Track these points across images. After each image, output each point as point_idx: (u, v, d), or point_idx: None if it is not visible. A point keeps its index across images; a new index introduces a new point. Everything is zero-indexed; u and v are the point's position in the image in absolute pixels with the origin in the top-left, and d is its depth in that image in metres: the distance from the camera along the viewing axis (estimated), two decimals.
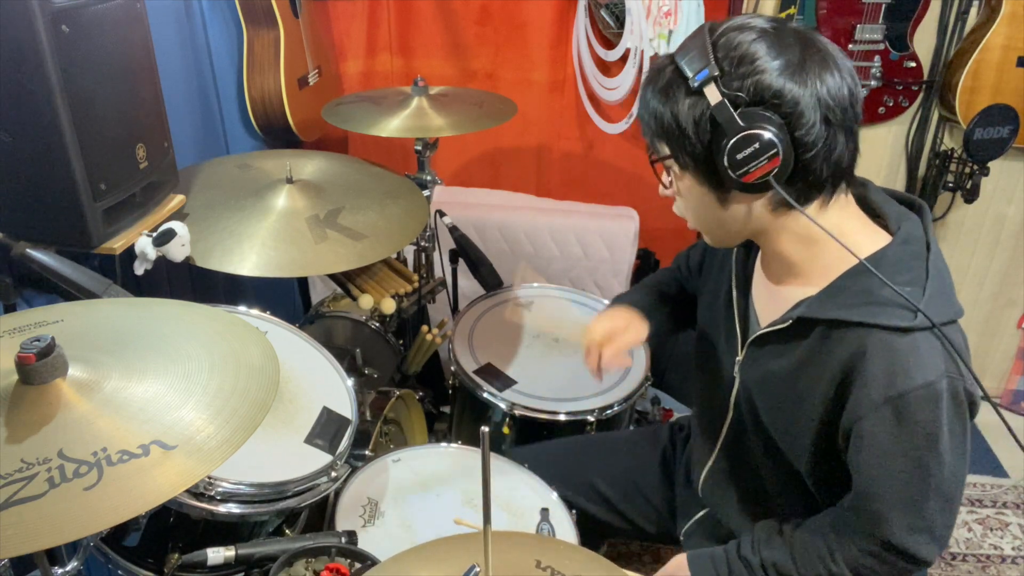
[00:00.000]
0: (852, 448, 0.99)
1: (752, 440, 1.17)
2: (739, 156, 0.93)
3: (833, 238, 0.98)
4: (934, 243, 1.02)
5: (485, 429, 0.71)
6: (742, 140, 0.92)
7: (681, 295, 1.45)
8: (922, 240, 1.01)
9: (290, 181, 1.59)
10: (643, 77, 1.03)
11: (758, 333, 1.10)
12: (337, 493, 1.32)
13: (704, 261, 1.34)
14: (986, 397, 0.97)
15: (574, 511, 1.36)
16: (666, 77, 0.97)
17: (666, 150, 1.01)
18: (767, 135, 0.91)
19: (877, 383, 0.94)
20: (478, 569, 0.81)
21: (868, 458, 0.98)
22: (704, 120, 0.94)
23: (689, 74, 0.94)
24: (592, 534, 1.43)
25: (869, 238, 1.02)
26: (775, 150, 0.92)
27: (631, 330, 1.35)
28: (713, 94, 0.92)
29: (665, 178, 1.06)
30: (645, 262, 2.53)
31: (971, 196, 2.19)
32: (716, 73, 0.92)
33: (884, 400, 0.94)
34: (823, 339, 1.01)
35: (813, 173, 0.96)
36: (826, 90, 0.92)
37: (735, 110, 0.92)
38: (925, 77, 2.19)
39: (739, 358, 1.16)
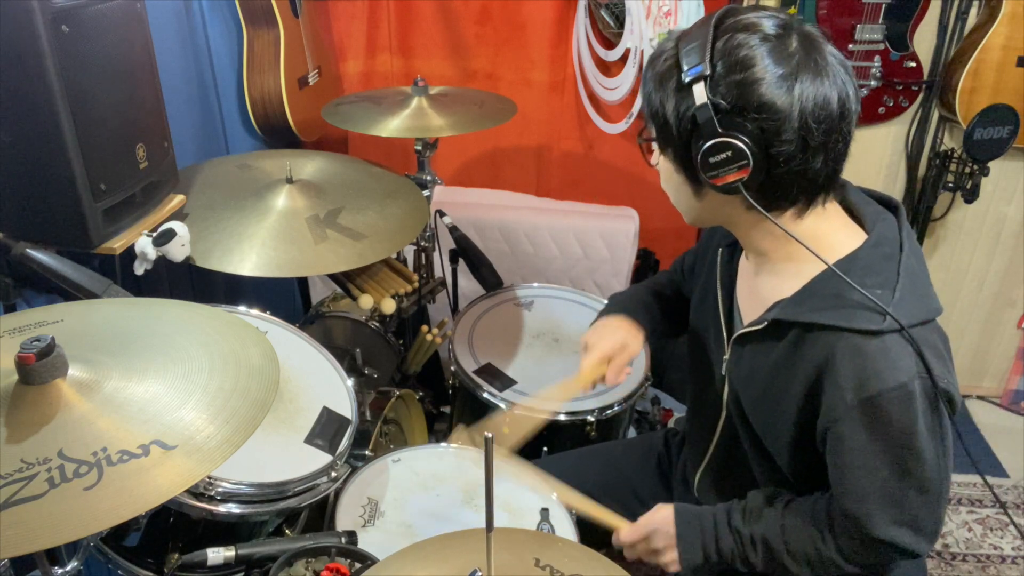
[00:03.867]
0: (830, 450, 1.01)
1: (744, 439, 1.18)
2: (712, 160, 0.94)
3: (802, 244, 0.99)
4: (909, 243, 1.02)
5: (489, 435, 0.71)
6: (716, 146, 0.93)
7: (677, 297, 1.46)
8: (895, 241, 1.02)
9: (290, 181, 1.59)
10: (649, 56, 1.05)
11: (738, 333, 1.12)
12: (337, 493, 1.32)
13: (695, 262, 1.34)
14: (947, 406, 0.98)
15: (574, 511, 1.36)
16: (664, 64, 0.98)
17: (654, 132, 1.04)
18: (740, 145, 0.92)
19: (849, 386, 0.95)
20: (480, 574, 0.81)
21: (847, 460, 0.99)
22: (686, 117, 0.95)
23: (684, 67, 0.94)
24: (592, 544, 1.43)
25: (848, 238, 1.02)
26: (745, 161, 0.93)
27: (627, 349, 1.34)
28: (700, 94, 0.93)
29: (653, 157, 1.09)
30: (645, 262, 2.53)
31: (971, 196, 2.20)
32: (707, 73, 0.92)
33: (857, 403, 0.95)
34: (798, 341, 1.02)
35: (782, 188, 0.97)
36: (813, 106, 0.91)
37: (716, 115, 0.92)
38: (925, 77, 2.19)
39: (726, 357, 1.17)
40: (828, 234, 1.02)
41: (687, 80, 0.93)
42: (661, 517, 1.18)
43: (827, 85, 0.92)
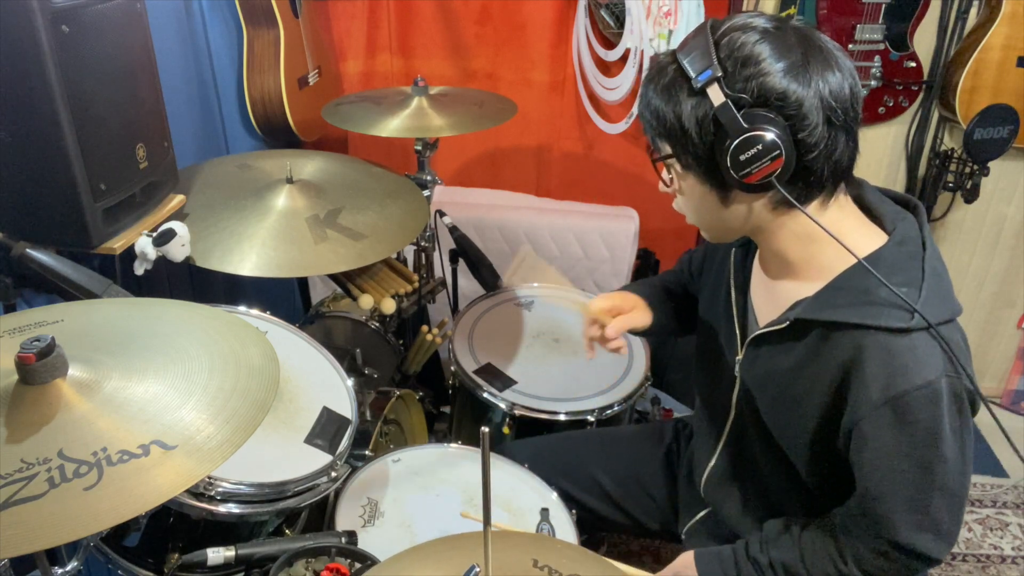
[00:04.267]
0: (854, 449, 0.99)
1: (753, 440, 1.17)
2: (742, 157, 0.93)
3: (833, 238, 0.98)
4: (930, 242, 1.02)
5: (485, 430, 0.71)
6: (745, 141, 0.92)
7: (685, 296, 1.45)
8: (918, 240, 1.02)
9: (290, 181, 1.59)
10: (644, 75, 1.03)
11: (756, 333, 1.11)
12: (337, 493, 1.32)
13: (704, 261, 1.34)
14: (983, 400, 0.97)
15: (574, 511, 1.36)
16: (668, 76, 0.97)
17: (668, 149, 1.01)
18: (770, 136, 0.91)
19: (876, 384, 0.94)
20: (478, 569, 0.82)
21: (871, 459, 0.98)
22: (707, 121, 0.94)
23: (692, 74, 0.93)
24: (593, 530, 1.42)
25: (866, 237, 1.02)
26: (778, 151, 0.92)
27: (636, 312, 1.33)
28: (716, 95, 0.92)
29: (666, 175, 1.06)
30: (645, 262, 2.53)
31: (971, 196, 2.19)
32: (719, 74, 0.92)
33: (884, 401, 0.94)
34: (821, 340, 1.01)
35: (814, 173, 0.96)
36: (828, 91, 0.92)
37: (738, 111, 0.92)
38: (925, 77, 2.19)
39: (739, 357, 1.16)
40: (848, 233, 1.01)
41: (699, 85, 0.93)
42: (682, 563, 1.19)
43: (834, 67, 0.93)
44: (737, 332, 1.17)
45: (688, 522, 1.39)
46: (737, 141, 0.92)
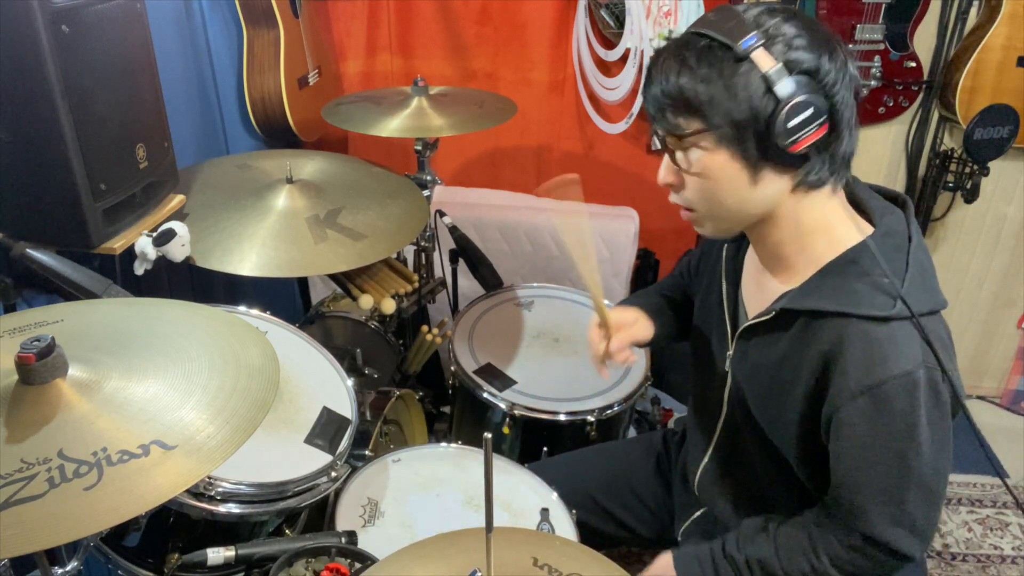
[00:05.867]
0: (832, 438, 1.00)
1: (745, 434, 1.18)
2: (790, 124, 0.91)
3: (850, 208, 0.99)
4: (917, 236, 1.03)
5: (488, 436, 0.71)
6: (795, 107, 0.91)
7: (684, 302, 1.45)
8: (903, 234, 1.02)
9: (290, 181, 1.59)
10: (655, 57, 0.99)
11: (745, 325, 1.12)
12: (337, 493, 1.32)
13: (700, 261, 1.34)
14: (958, 393, 0.97)
15: (574, 511, 1.36)
16: (698, 47, 0.94)
17: (697, 125, 0.96)
18: (820, 102, 0.91)
19: (855, 372, 0.95)
20: (480, 574, 0.81)
21: (847, 448, 0.98)
22: (756, 85, 0.92)
23: (731, 43, 0.92)
24: (591, 544, 1.43)
25: (855, 230, 1.03)
26: (824, 117, 0.92)
27: (639, 325, 1.34)
28: (765, 60, 0.91)
29: (693, 155, 0.99)
30: (645, 262, 2.53)
31: (971, 196, 2.19)
32: (762, 41, 0.91)
33: (862, 389, 0.95)
34: (805, 329, 1.01)
35: (842, 145, 0.97)
36: (852, 67, 0.94)
37: (790, 75, 0.91)
38: (925, 77, 2.19)
39: (729, 352, 1.17)
40: (838, 226, 1.02)
41: (743, 50, 0.91)
42: (660, 565, 1.19)
43: (846, 50, 0.95)
44: (728, 326, 1.18)
45: (683, 524, 1.39)
46: (789, 106, 0.90)
